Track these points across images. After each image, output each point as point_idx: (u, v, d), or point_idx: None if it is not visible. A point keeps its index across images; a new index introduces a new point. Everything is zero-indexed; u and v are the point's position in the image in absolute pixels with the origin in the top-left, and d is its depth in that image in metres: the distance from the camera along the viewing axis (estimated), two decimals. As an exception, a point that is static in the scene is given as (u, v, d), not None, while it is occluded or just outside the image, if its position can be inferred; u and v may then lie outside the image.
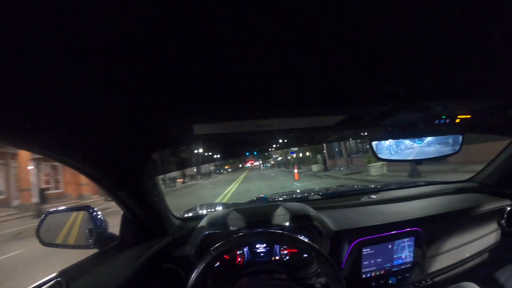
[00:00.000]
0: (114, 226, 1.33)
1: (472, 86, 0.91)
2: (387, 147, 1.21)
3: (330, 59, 0.60)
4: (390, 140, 1.21)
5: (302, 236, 1.28)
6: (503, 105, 1.20)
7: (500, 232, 1.69)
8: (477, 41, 0.59)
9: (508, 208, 1.71)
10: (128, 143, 0.99)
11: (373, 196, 1.79)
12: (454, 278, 1.52)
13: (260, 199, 2.01)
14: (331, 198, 1.87)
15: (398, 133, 1.19)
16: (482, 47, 0.61)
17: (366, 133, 1.35)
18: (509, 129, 1.66)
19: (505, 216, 1.69)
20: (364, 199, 1.78)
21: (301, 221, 1.34)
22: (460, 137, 1.26)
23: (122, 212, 1.30)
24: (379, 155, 1.20)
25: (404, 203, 1.71)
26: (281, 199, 1.99)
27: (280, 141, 1.51)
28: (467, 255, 1.59)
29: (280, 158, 47.73)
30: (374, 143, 1.20)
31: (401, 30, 0.51)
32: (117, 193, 1.17)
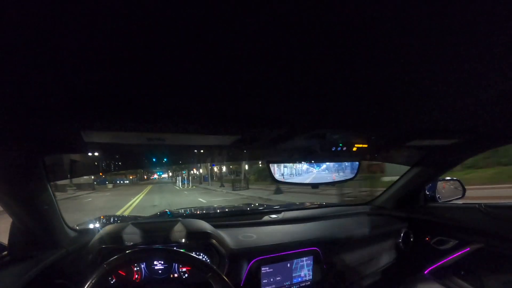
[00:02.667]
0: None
1: (368, 118, 0.92)
2: (284, 170, 1.17)
3: (227, 79, 0.56)
4: (288, 163, 1.18)
5: (200, 255, 1.26)
6: (399, 137, 1.26)
7: (395, 251, 1.82)
8: (375, 78, 0.58)
9: (404, 230, 1.85)
10: (15, 143, 0.89)
11: (274, 216, 1.79)
12: None
13: (163, 213, 1.92)
14: (234, 216, 1.84)
15: (297, 157, 1.17)
16: (380, 83, 0.61)
17: (265, 155, 1.32)
18: (407, 159, 1.79)
19: (401, 237, 1.82)
20: (266, 218, 1.78)
21: (198, 238, 1.31)
22: (357, 164, 1.28)
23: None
24: (277, 177, 1.16)
25: (304, 224, 1.73)
26: (184, 214, 1.93)
27: (174, 157, 1.41)
28: (366, 273, 1.67)
29: (201, 171, 34.62)
30: (272, 165, 1.15)
31: (297, 60, 0.49)
32: (4, 198, 1.03)
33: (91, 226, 1.60)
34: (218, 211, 2.02)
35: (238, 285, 1.27)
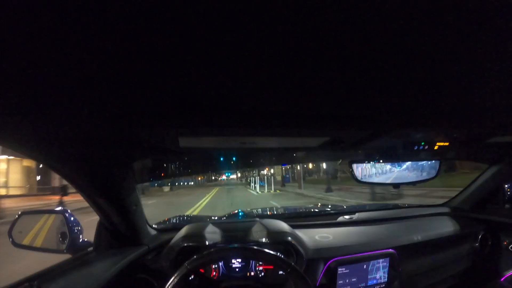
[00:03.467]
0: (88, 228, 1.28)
1: (451, 115, 0.93)
2: (366, 170, 1.23)
3: (317, 83, 0.60)
4: (370, 163, 1.23)
5: (278, 253, 1.27)
6: (481, 134, 1.24)
7: (472, 256, 1.74)
8: (457, 73, 0.60)
9: (482, 233, 1.76)
10: (111, 151, 0.98)
11: (349, 217, 1.81)
12: None
13: (236, 214, 2.00)
14: (309, 217, 1.87)
15: (378, 157, 1.21)
16: (462, 78, 0.63)
17: (347, 155, 1.36)
18: (487, 157, 1.71)
19: (479, 240, 1.74)
20: (341, 219, 1.80)
21: (277, 238, 1.34)
22: (438, 163, 1.29)
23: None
24: (358, 178, 1.22)
25: (379, 225, 1.73)
26: (258, 215, 1.99)
27: (263, 159, 1.51)
28: (440, 277, 1.62)
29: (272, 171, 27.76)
30: (354, 165, 1.21)
31: (384, 59, 0.51)
32: (96, 199, 1.15)
33: (168, 225, 1.74)
34: (292, 211, 2.07)
35: (314, 285, 1.29)
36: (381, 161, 1.22)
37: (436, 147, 1.16)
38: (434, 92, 0.72)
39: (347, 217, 1.81)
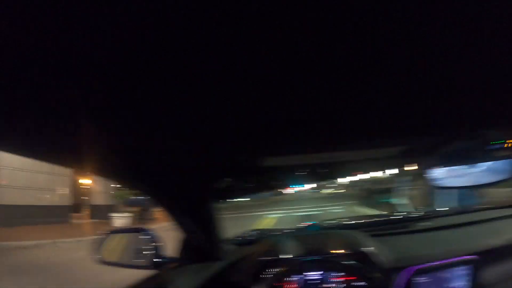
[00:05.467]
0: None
1: None
2: (444, 174, 1.22)
3: (391, 93, 0.62)
4: (446, 167, 1.22)
5: (359, 263, 1.27)
6: None
7: None
8: None
9: None
10: (197, 172, 1.04)
11: (428, 223, 1.74)
12: None
13: (311, 226, 1.98)
14: (386, 225, 1.82)
15: (456, 159, 1.20)
16: None
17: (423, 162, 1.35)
18: None
19: None
20: (419, 225, 1.73)
21: (355, 248, 1.32)
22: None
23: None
24: (437, 184, 1.21)
25: (460, 229, 1.64)
26: (334, 226, 1.95)
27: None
28: None
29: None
30: (431, 171, 1.21)
31: (456, 59, 0.51)
32: (180, 218, 1.22)
33: (245, 239, 1.76)
34: (368, 220, 2.02)
35: None
36: (457, 164, 1.21)
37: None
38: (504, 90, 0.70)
39: (425, 223, 1.75)
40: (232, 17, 0.35)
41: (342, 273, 1.30)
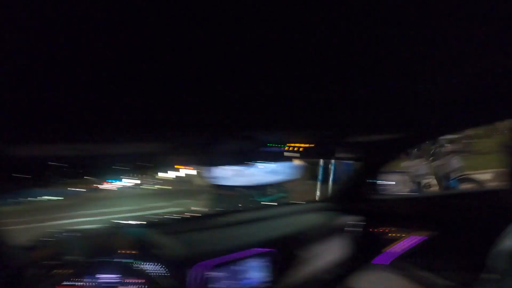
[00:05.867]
0: None
1: (302, 118, 0.94)
2: (222, 174, 1.21)
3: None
4: (225, 166, 1.21)
5: (147, 264, 1.20)
6: (335, 134, 1.33)
7: (346, 245, 1.89)
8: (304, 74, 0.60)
9: (354, 223, 1.92)
10: None
11: (226, 218, 1.75)
12: None
13: (105, 223, 1.85)
14: (182, 222, 1.77)
15: (234, 159, 1.20)
16: (309, 78, 0.62)
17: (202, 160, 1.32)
18: (349, 155, 1.88)
19: (351, 230, 1.89)
20: (218, 221, 1.73)
21: (142, 248, 1.26)
22: (298, 164, 1.34)
23: None
24: (216, 182, 1.19)
25: (257, 224, 1.72)
26: (127, 224, 1.87)
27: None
28: (320, 268, 1.70)
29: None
30: (207, 168, 1.18)
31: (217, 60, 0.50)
32: None
33: (36, 242, 1.54)
34: (166, 217, 1.97)
35: None
36: (237, 164, 1.22)
37: (291, 148, 1.19)
38: (283, 94, 0.71)
39: (224, 218, 1.78)
40: None
41: (131, 275, 1.21)
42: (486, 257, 0.97)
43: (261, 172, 1.28)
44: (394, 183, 2.15)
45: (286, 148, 1.20)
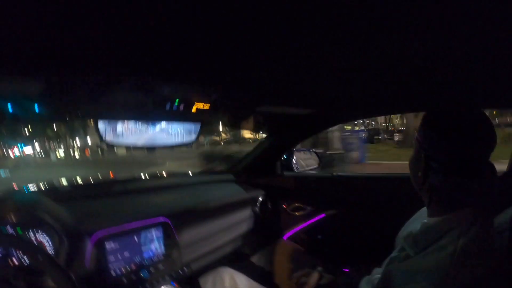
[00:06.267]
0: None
1: (204, 68, 0.83)
2: (115, 129, 1.04)
3: None
4: (121, 121, 1.05)
5: (38, 233, 1.05)
6: (245, 100, 1.26)
7: (254, 219, 1.89)
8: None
9: (262, 198, 1.93)
10: None
11: (124, 186, 1.63)
12: (212, 265, 1.59)
13: None
14: (78, 188, 1.61)
15: (128, 113, 1.04)
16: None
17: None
18: (260, 126, 1.85)
19: (259, 204, 1.90)
20: (115, 188, 1.59)
21: (28, 214, 1.08)
22: (198, 126, 1.24)
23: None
24: (106, 138, 1.02)
25: (156, 194, 1.64)
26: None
27: None
28: (223, 241, 1.67)
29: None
30: (100, 123, 1.01)
31: None
32: None
33: None
34: (60, 184, 1.75)
35: (83, 265, 1.11)
36: (132, 118, 1.06)
37: (194, 110, 1.09)
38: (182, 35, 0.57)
39: (122, 186, 1.62)
40: None
41: (18, 245, 1.00)
42: (394, 238, 1.05)
43: (163, 132, 1.15)
44: (305, 160, 2.22)
45: (194, 108, 1.08)
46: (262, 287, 1.49)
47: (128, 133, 1.07)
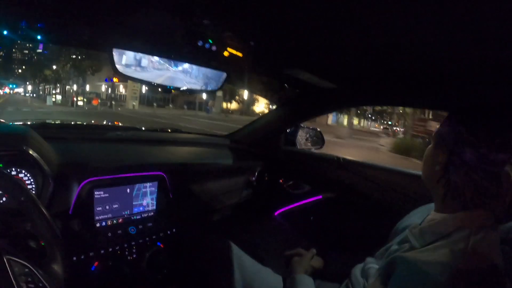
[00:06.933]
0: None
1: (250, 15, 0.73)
2: (130, 60, 0.88)
3: None
4: (137, 53, 0.89)
5: (22, 172, 0.95)
6: (280, 56, 1.11)
7: (248, 189, 1.80)
8: None
9: (259, 168, 1.82)
10: None
11: (120, 133, 1.51)
12: (201, 230, 1.53)
13: None
14: (73, 129, 1.48)
15: (150, 44, 0.88)
16: None
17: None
18: (275, 94, 1.71)
19: (256, 175, 1.79)
20: (109, 135, 1.47)
21: (9, 145, 0.92)
22: (224, 76, 1.09)
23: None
24: (119, 68, 0.86)
25: (153, 146, 1.53)
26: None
27: None
28: (216, 207, 1.60)
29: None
30: (116, 51, 0.85)
31: None
32: None
33: None
34: (54, 121, 1.59)
35: (66, 212, 1.01)
36: (153, 52, 0.90)
37: (226, 53, 0.93)
38: None
39: (118, 133, 1.50)
40: None
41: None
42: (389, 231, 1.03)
43: (185, 74, 0.99)
44: (309, 138, 2.10)
45: (226, 52, 0.93)
46: (266, 269, 1.39)
47: (147, 66, 0.90)
